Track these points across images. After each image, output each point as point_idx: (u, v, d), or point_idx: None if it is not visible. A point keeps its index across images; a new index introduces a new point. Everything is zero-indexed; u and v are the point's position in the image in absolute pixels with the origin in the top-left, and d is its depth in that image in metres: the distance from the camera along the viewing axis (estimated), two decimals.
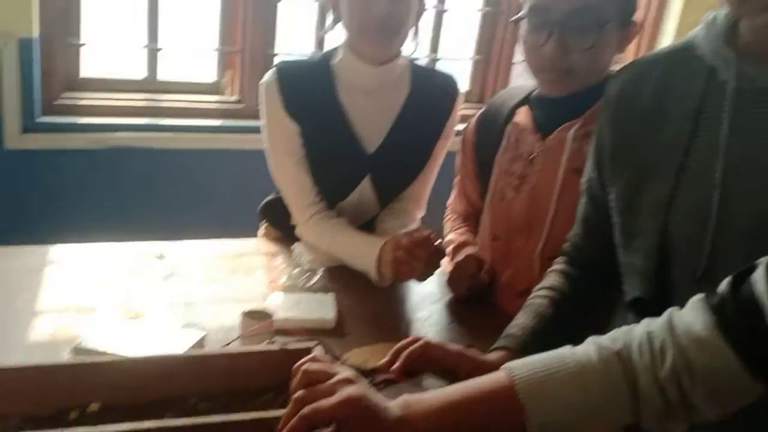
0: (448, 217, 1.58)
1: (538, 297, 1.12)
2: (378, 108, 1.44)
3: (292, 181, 1.46)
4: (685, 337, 0.74)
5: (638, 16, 1.24)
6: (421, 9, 1.43)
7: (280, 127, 1.43)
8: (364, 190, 1.47)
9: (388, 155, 1.44)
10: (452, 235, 1.52)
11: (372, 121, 1.44)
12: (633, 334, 0.78)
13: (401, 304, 1.35)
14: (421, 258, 1.25)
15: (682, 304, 0.77)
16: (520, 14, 1.21)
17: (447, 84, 1.50)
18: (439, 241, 1.27)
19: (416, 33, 1.45)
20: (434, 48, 2.65)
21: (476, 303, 1.35)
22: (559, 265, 1.17)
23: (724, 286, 0.75)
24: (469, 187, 1.48)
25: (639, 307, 0.99)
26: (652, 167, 0.96)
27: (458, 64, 2.78)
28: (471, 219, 1.52)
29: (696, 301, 0.76)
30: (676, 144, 0.94)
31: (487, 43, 2.72)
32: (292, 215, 1.48)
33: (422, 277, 1.29)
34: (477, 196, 1.45)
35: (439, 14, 2.60)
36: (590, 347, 0.77)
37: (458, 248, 1.45)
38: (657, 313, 0.80)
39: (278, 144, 1.44)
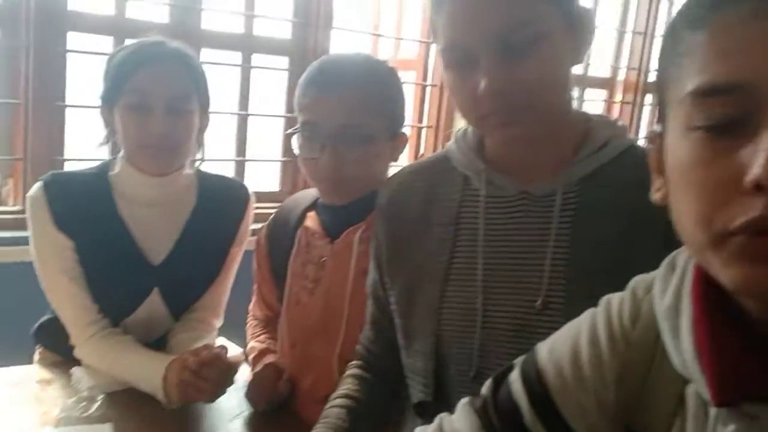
0: (249, 323, 1.54)
1: (335, 407, 1.11)
2: (163, 219, 1.40)
3: (67, 300, 1.35)
4: None
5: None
6: (204, 124, 1.42)
7: (50, 243, 1.33)
8: (154, 303, 1.40)
9: (176, 266, 1.39)
10: (253, 342, 1.47)
11: (157, 233, 1.39)
12: None
13: (196, 426, 1.27)
14: (209, 378, 1.20)
15: None
16: (293, 129, 1.24)
17: (236, 191, 1.50)
18: (233, 356, 1.23)
19: (201, 145, 1.44)
20: (241, 151, 2.65)
21: (277, 415, 1.31)
22: (353, 369, 1.17)
23: (485, 388, 0.78)
24: (266, 292, 1.45)
25: (421, 410, 1.00)
26: (423, 271, 1.01)
27: (266, 165, 2.81)
28: (272, 324, 1.49)
29: (462, 404, 0.79)
30: (441, 249, 1.00)
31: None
32: (70, 335, 1.37)
33: (212, 398, 1.23)
34: (275, 301, 1.43)
35: (243, 119, 2.62)
36: None
37: (259, 357, 1.41)
38: (437, 415, 0.82)
39: (50, 260, 1.34)
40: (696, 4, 0.54)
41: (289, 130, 1.24)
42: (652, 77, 3.73)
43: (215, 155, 2.62)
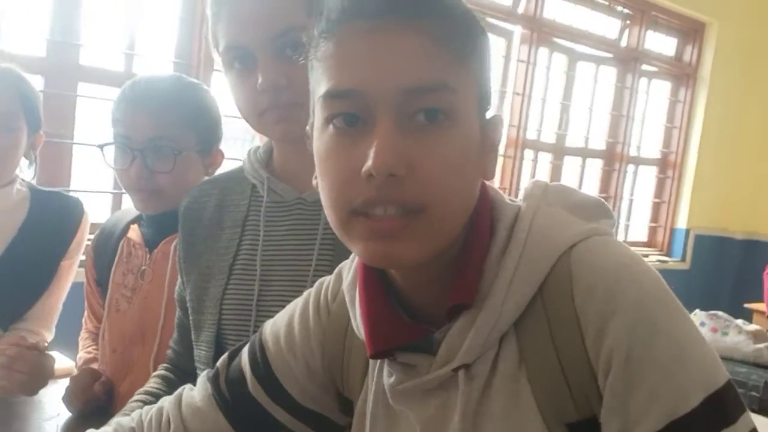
0: (81, 336, 1.59)
1: (134, 401, 1.17)
2: None
3: None
4: (187, 408, 0.85)
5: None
6: (35, 142, 1.49)
7: None
8: None
9: (3, 276, 1.44)
10: (81, 353, 1.53)
11: None
12: (149, 411, 0.87)
13: (11, 424, 1.29)
14: (23, 371, 1.25)
15: None
16: (105, 142, 1.33)
17: (71, 205, 1.56)
18: (45, 347, 1.28)
19: (34, 160, 1.51)
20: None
21: (96, 418, 1.35)
22: (160, 370, 1.24)
23: (220, 361, 0.88)
24: (94, 304, 1.51)
25: None
26: (213, 268, 1.11)
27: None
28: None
29: (202, 376, 0.88)
30: (229, 247, 1.11)
31: None
32: None
33: (31, 390, 1.28)
34: (102, 312, 1.48)
35: None
36: (109, 428, 0.85)
37: (83, 365, 1.47)
38: None
39: None
40: (326, 19, 0.64)
41: (100, 143, 1.33)
42: (530, 134, 3.99)
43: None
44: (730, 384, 0.59)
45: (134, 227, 1.43)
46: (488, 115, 0.68)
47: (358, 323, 0.73)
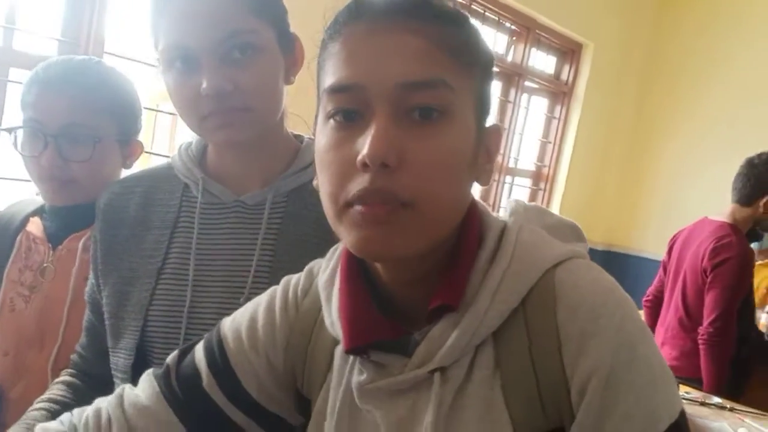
0: None
1: (37, 410, 1.08)
2: None
3: None
4: (132, 407, 0.80)
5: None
6: None
7: None
8: None
9: None
10: None
11: None
12: (82, 413, 0.81)
13: None
14: None
15: None
16: (13, 125, 1.23)
17: None
18: None
19: None
20: None
21: None
22: (64, 375, 1.16)
23: (169, 358, 0.84)
24: None
25: None
26: (137, 271, 1.05)
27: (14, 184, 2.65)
28: None
29: (145, 375, 0.85)
30: (156, 250, 1.05)
31: None
32: None
33: None
34: None
35: None
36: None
37: None
38: None
39: None
40: (334, 21, 0.68)
41: (6, 126, 1.22)
42: (512, 162, 4.16)
43: None
44: (683, 411, 0.65)
45: (35, 220, 1.32)
46: (487, 123, 0.72)
47: (333, 319, 0.74)
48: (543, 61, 4.64)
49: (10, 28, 2.43)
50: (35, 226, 1.31)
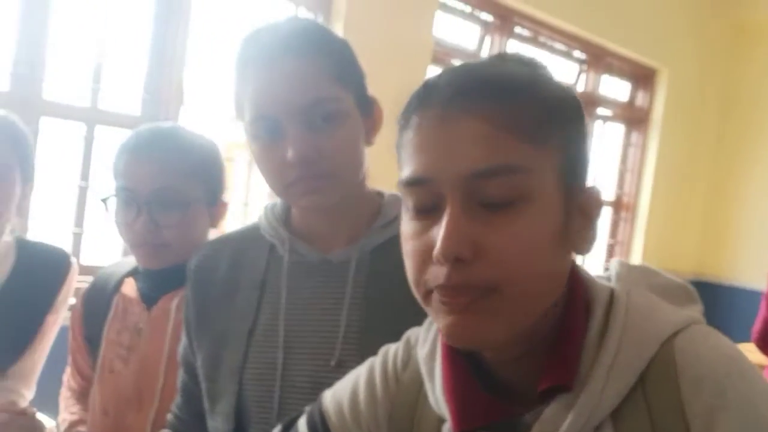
0: (62, 395, 1.49)
1: None
2: None
3: None
4: None
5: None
6: (27, 193, 1.41)
7: None
8: None
9: None
10: (65, 414, 1.42)
11: None
12: None
13: None
14: None
15: None
16: (108, 194, 1.26)
17: (57, 258, 1.47)
18: (34, 412, 1.18)
19: (23, 214, 1.42)
20: (78, 223, 2.59)
21: None
22: None
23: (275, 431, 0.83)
24: (81, 362, 1.42)
25: None
26: (228, 333, 1.05)
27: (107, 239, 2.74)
28: (86, 395, 1.44)
29: None
30: (246, 311, 1.04)
31: None
32: None
33: None
34: (90, 371, 1.40)
35: (83, 190, 2.57)
36: None
37: (69, 428, 1.37)
38: None
39: None
40: (405, 109, 0.67)
41: (103, 196, 1.26)
42: None
43: (51, 226, 2.55)
44: None
45: (129, 281, 1.35)
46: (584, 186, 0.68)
47: (437, 396, 0.71)
48: (616, 88, 4.55)
49: (96, 89, 2.53)
50: (130, 288, 1.33)
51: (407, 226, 0.66)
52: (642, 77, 4.63)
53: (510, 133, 0.62)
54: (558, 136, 0.64)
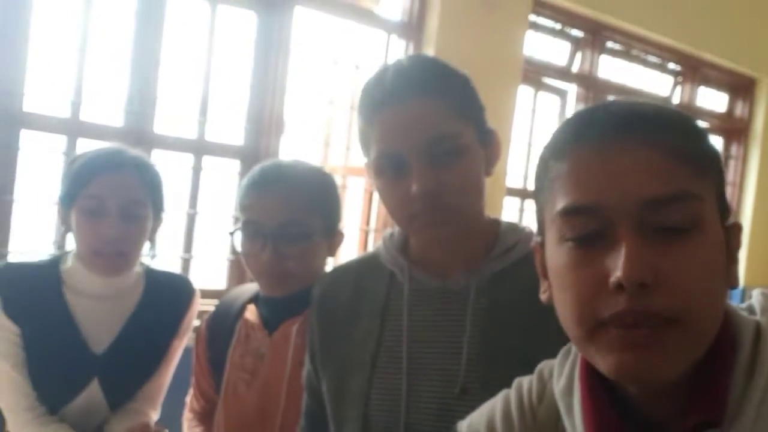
0: (185, 416, 1.56)
1: None
2: (108, 311, 1.44)
3: (7, 385, 1.37)
4: None
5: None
6: (157, 225, 1.49)
7: None
8: (92, 393, 1.42)
9: (118, 357, 1.42)
10: None
11: (101, 323, 1.43)
12: None
13: None
14: None
15: None
16: (235, 228, 1.33)
17: (182, 285, 1.55)
18: None
19: (153, 245, 1.51)
20: (188, 248, 2.71)
21: None
22: None
23: None
24: (204, 384, 1.49)
25: None
26: (353, 358, 1.08)
27: (214, 263, 2.86)
28: (208, 417, 1.51)
29: None
30: (369, 337, 1.08)
31: None
32: (6, 420, 1.38)
33: None
34: (213, 393, 1.46)
35: (191, 217, 2.70)
36: None
37: None
38: None
39: None
40: (559, 140, 0.68)
41: (231, 229, 1.33)
42: None
43: (163, 251, 2.67)
44: None
45: (251, 307, 1.41)
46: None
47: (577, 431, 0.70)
48: (713, 99, 4.40)
49: (202, 121, 2.66)
50: (252, 314, 1.39)
51: (565, 257, 0.65)
52: (740, 87, 4.47)
53: (681, 163, 0.62)
54: (713, 168, 0.66)
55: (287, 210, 1.28)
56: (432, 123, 0.98)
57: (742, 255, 4.36)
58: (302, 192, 1.30)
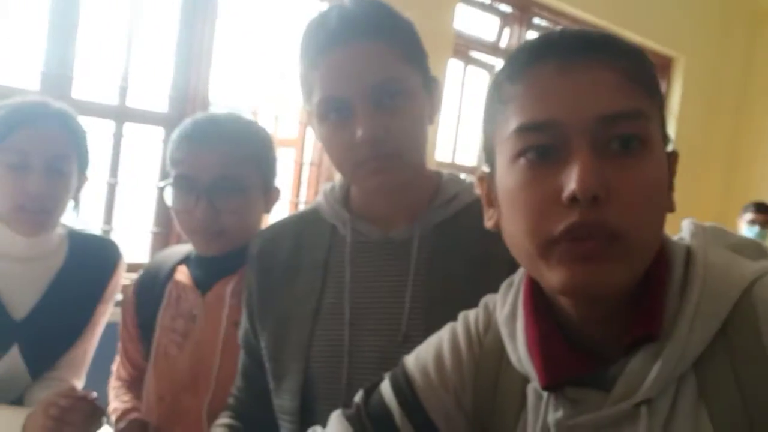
0: (112, 384, 1.50)
1: None
2: (29, 275, 1.37)
3: None
4: None
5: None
6: (82, 183, 1.42)
7: None
8: (12, 360, 1.34)
9: (39, 323, 1.36)
10: (116, 403, 1.44)
11: (22, 287, 1.36)
12: None
13: None
14: (74, 424, 1.16)
15: None
16: (165, 182, 1.28)
17: (107, 249, 1.49)
18: (95, 398, 1.20)
19: (77, 204, 1.44)
20: (108, 220, 2.61)
21: None
22: (224, 418, 1.18)
23: (357, 397, 0.85)
24: (132, 350, 1.43)
25: None
26: (293, 313, 1.07)
27: (136, 236, 2.77)
28: (136, 384, 1.46)
29: (335, 414, 0.86)
30: (310, 291, 1.06)
31: (165, 216, 2.75)
32: None
33: None
34: (141, 360, 1.41)
35: (112, 187, 2.60)
36: None
37: (122, 416, 1.38)
38: None
39: None
40: (514, 63, 0.69)
41: (161, 183, 1.27)
42: None
43: (84, 221, 2.57)
44: None
45: (182, 268, 1.36)
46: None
47: (520, 356, 0.73)
48: None
49: (124, 87, 2.55)
50: (183, 275, 1.35)
51: (518, 175, 0.66)
52: (659, 66, 4.62)
53: (636, 84, 0.65)
54: (659, 97, 0.69)
55: (222, 163, 1.23)
56: (379, 66, 0.96)
57: None
58: (238, 145, 1.26)
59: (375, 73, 0.95)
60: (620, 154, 0.63)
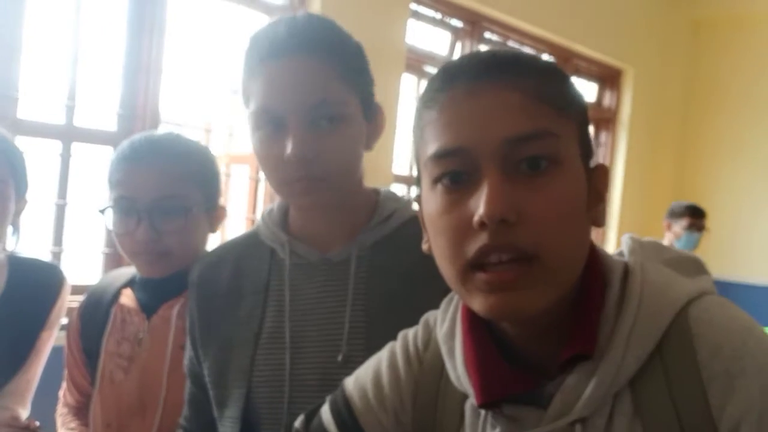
0: (59, 412, 1.47)
1: None
2: None
3: None
4: None
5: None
6: (21, 208, 1.39)
7: None
8: None
9: None
10: (63, 430, 1.40)
11: None
12: None
13: None
14: None
15: None
16: (105, 205, 1.25)
17: (50, 273, 1.45)
18: (37, 428, 1.17)
19: (16, 230, 1.40)
20: (57, 242, 2.55)
21: None
22: None
23: (297, 422, 0.84)
24: (77, 376, 1.40)
25: None
26: (235, 339, 1.06)
27: (87, 257, 2.71)
28: (84, 410, 1.43)
29: None
30: (251, 316, 1.05)
31: None
32: None
33: None
34: (88, 385, 1.38)
35: (61, 208, 2.54)
36: None
37: None
38: None
39: None
40: (429, 88, 0.69)
41: (101, 207, 1.25)
42: None
43: (31, 245, 2.51)
44: None
45: (126, 292, 1.34)
46: (592, 164, 0.71)
47: (458, 373, 0.73)
48: (584, 89, 4.63)
49: (71, 106, 2.50)
50: (128, 298, 1.33)
51: (437, 201, 0.67)
52: (608, 78, 4.73)
53: (540, 103, 0.65)
54: (575, 111, 0.68)
55: (162, 183, 1.21)
56: (316, 85, 0.95)
57: (612, 237, 4.63)
58: (177, 164, 1.24)
59: (312, 92, 0.95)
60: (530, 174, 0.63)
